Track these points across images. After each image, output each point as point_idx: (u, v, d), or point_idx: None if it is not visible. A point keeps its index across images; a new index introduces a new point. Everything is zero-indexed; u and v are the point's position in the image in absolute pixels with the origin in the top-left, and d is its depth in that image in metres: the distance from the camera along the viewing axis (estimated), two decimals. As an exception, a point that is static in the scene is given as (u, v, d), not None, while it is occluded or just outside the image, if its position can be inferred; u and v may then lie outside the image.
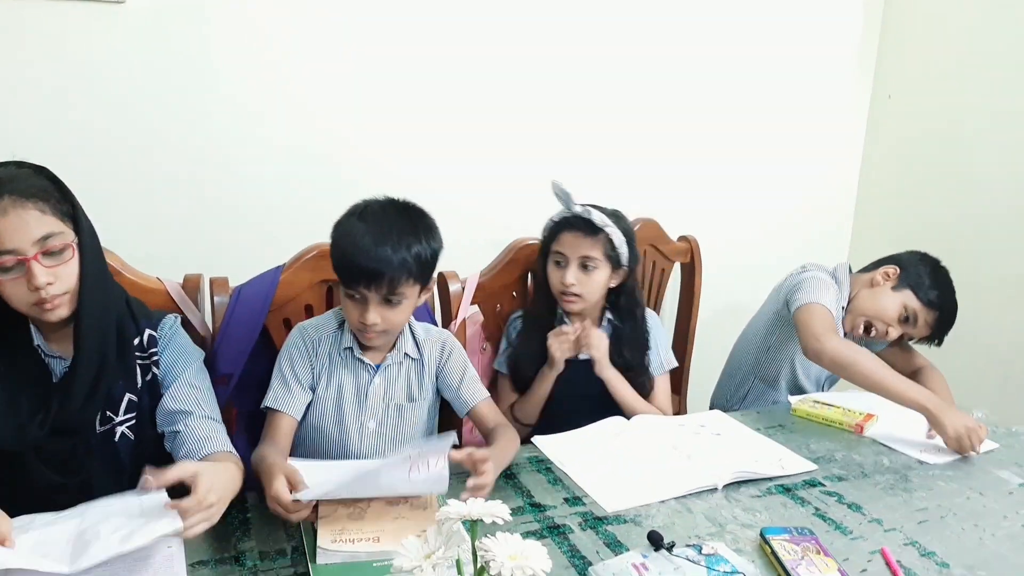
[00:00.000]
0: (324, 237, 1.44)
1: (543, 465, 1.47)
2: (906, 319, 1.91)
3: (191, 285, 1.58)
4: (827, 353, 1.74)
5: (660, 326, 1.89)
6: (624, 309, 1.79)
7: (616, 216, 1.74)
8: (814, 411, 1.76)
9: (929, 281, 1.90)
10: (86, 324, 1.21)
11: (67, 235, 1.18)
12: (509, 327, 1.84)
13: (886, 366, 1.74)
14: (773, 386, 2.06)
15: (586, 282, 1.70)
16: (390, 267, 1.33)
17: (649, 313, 1.85)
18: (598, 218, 1.68)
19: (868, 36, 2.83)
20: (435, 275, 1.45)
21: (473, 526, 0.83)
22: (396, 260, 1.33)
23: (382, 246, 1.33)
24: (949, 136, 2.61)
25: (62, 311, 1.19)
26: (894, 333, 1.93)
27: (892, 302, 1.91)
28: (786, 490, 1.41)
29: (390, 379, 1.49)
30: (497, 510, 0.83)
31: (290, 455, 1.41)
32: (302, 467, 1.21)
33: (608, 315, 1.80)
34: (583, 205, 1.70)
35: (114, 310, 1.28)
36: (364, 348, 1.48)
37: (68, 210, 1.19)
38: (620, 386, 1.74)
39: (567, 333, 1.69)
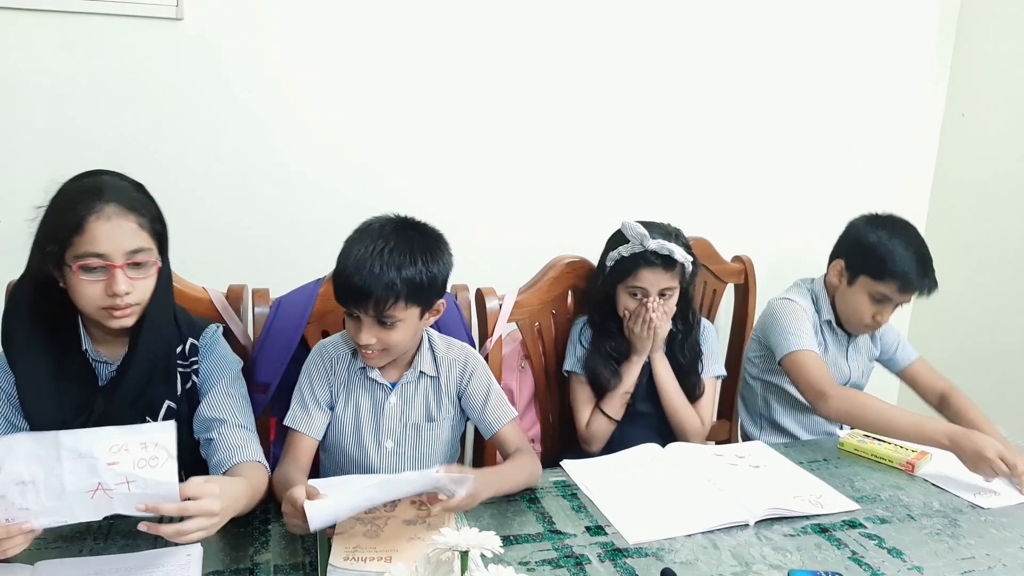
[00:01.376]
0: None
1: (569, 491, 1.44)
2: (879, 300, 1.79)
3: (235, 295, 1.62)
4: (831, 411, 1.69)
5: (715, 336, 1.89)
6: (680, 314, 1.78)
7: (677, 235, 1.74)
8: (863, 446, 1.68)
9: (876, 252, 1.77)
10: (148, 336, 1.27)
11: (153, 252, 1.24)
12: (580, 334, 1.82)
13: (892, 407, 1.66)
14: (788, 414, 1.96)
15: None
16: (377, 289, 1.31)
17: (704, 322, 1.87)
18: (680, 256, 1.68)
19: (941, 53, 2.70)
20: (442, 298, 1.43)
21: (463, 557, 0.82)
22: (383, 282, 1.31)
23: (370, 268, 1.31)
24: (1027, 157, 2.47)
25: (128, 320, 1.24)
26: (884, 317, 1.82)
27: (857, 297, 1.81)
28: (823, 530, 1.34)
29: (406, 398, 1.49)
30: (488, 541, 0.82)
31: (312, 475, 1.43)
32: (322, 485, 1.22)
33: None
34: (654, 238, 1.68)
35: (170, 323, 1.34)
36: (379, 368, 1.47)
37: (159, 229, 1.26)
38: (666, 378, 1.77)
39: (643, 313, 1.68)
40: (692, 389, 1.79)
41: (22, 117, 1.93)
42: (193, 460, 1.36)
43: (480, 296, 1.77)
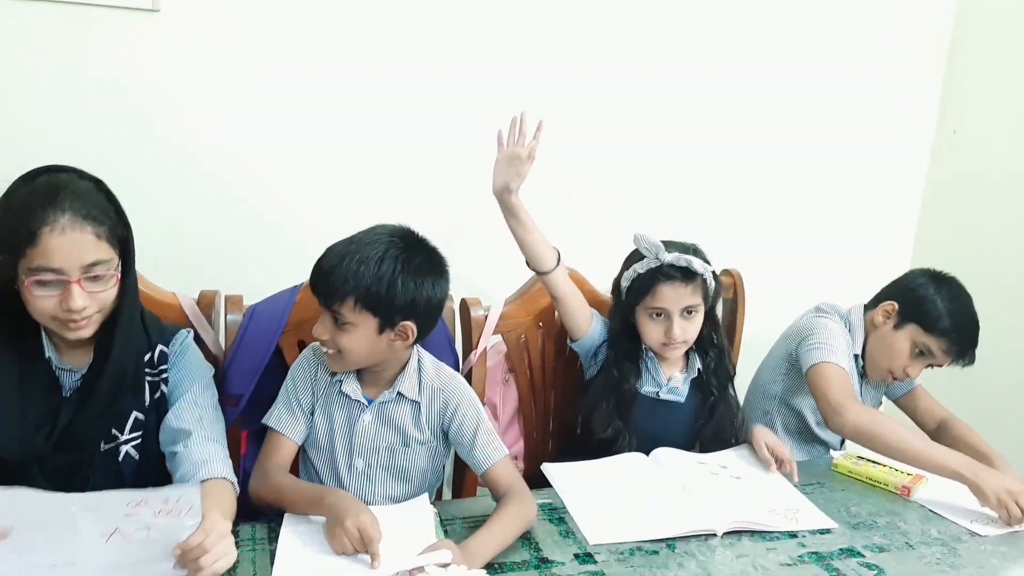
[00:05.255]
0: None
1: (556, 515, 1.37)
2: (920, 353, 1.77)
3: (206, 302, 1.54)
4: (848, 426, 1.62)
5: None
6: (708, 339, 1.70)
7: (695, 250, 1.64)
8: (857, 468, 1.63)
9: (933, 308, 1.73)
10: (119, 345, 1.21)
11: (114, 262, 1.17)
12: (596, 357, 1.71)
13: (911, 432, 1.63)
14: (786, 440, 1.90)
15: (689, 329, 1.62)
16: (332, 277, 1.28)
17: None
18: (700, 265, 1.59)
19: (933, 70, 2.69)
20: (410, 322, 1.32)
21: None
22: (340, 273, 1.27)
23: (337, 257, 1.29)
24: (1017, 174, 2.45)
25: (86, 332, 1.17)
26: (915, 371, 1.80)
27: (899, 343, 1.77)
28: (820, 559, 1.29)
29: (383, 417, 1.41)
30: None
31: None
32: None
33: (695, 353, 1.71)
34: (669, 250, 1.60)
35: (139, 329, 1.27)
36: (359, 381, 1.40)
37: (121, 232, 1.18)
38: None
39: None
40: (731, 418, 1.68)
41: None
42: (162, 472, 1.29)
43: (465, 306, 1.70)
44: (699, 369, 1.70)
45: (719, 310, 1.90)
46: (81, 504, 0.92)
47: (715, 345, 1.71)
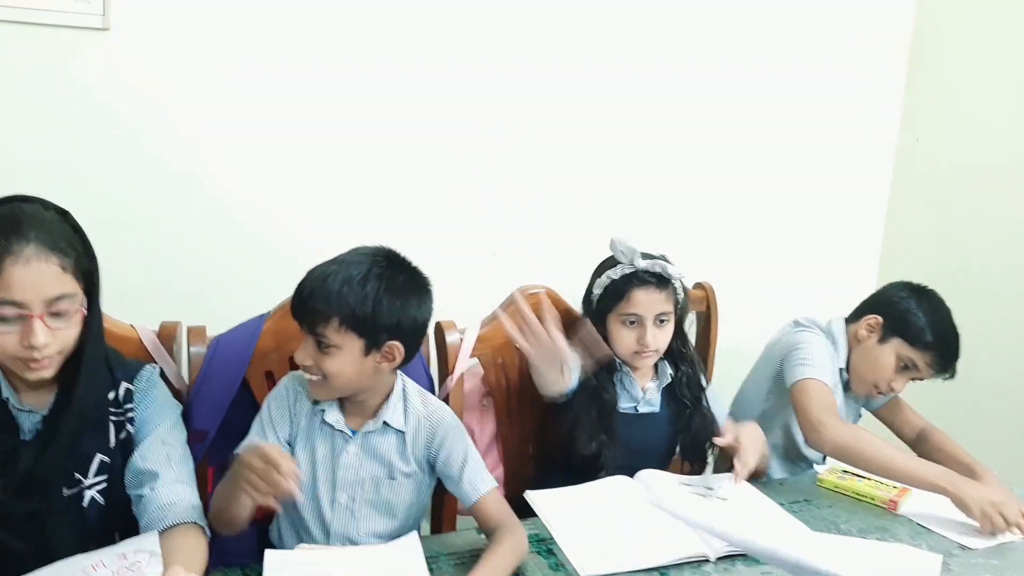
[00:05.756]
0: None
1: (544, 546, 1.33)
2: (905, 367, 1.77)
3: (167, 334, 1.48)
4: (828, 443, 1.63)
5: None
6: (676, 350, 1.69)
7: (665, 259, 1.63)
8: (842, 483, 1.62)
9: (917, 321, 1.74)
10: (83, 387, 1.15)
11: (78, 297, 1.11)
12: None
13: (891, 446, 1.62)
14: (774, 459, 1.89)
15: (661, 337, 1.62)
16: (314, 299, 1.24)
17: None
18: (674, 271, 1.60)
19: (895, 78, 2.72)
20: (397, 342, 1.28)
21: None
22: (323, 294, 1.23)
23: (320, 278, 1.25)
24: (980, 181, 2.49)
25: (47, 372, 1.11)
26: (900, 385, 1.80)
27: (884, 357, 1.77)
28: (815, 580, 1.26)
29: (367, 449, 1.35)
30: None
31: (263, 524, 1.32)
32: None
33: (664, 361, 1.69)
34: (644, 257, 1.59)
35: (103, 368, 1.21)
36: (341, 411, 1.34)
37: (87, 266, 1.12)
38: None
39: None
40: (708, 429, 1.66)
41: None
42: (129, 517, 1.22)
43: (439, 330, 1.65)
44: (671, 375, 1.69)
45: (691, 323, 1.89)
46: None
47: (685, 358, 1.71)
